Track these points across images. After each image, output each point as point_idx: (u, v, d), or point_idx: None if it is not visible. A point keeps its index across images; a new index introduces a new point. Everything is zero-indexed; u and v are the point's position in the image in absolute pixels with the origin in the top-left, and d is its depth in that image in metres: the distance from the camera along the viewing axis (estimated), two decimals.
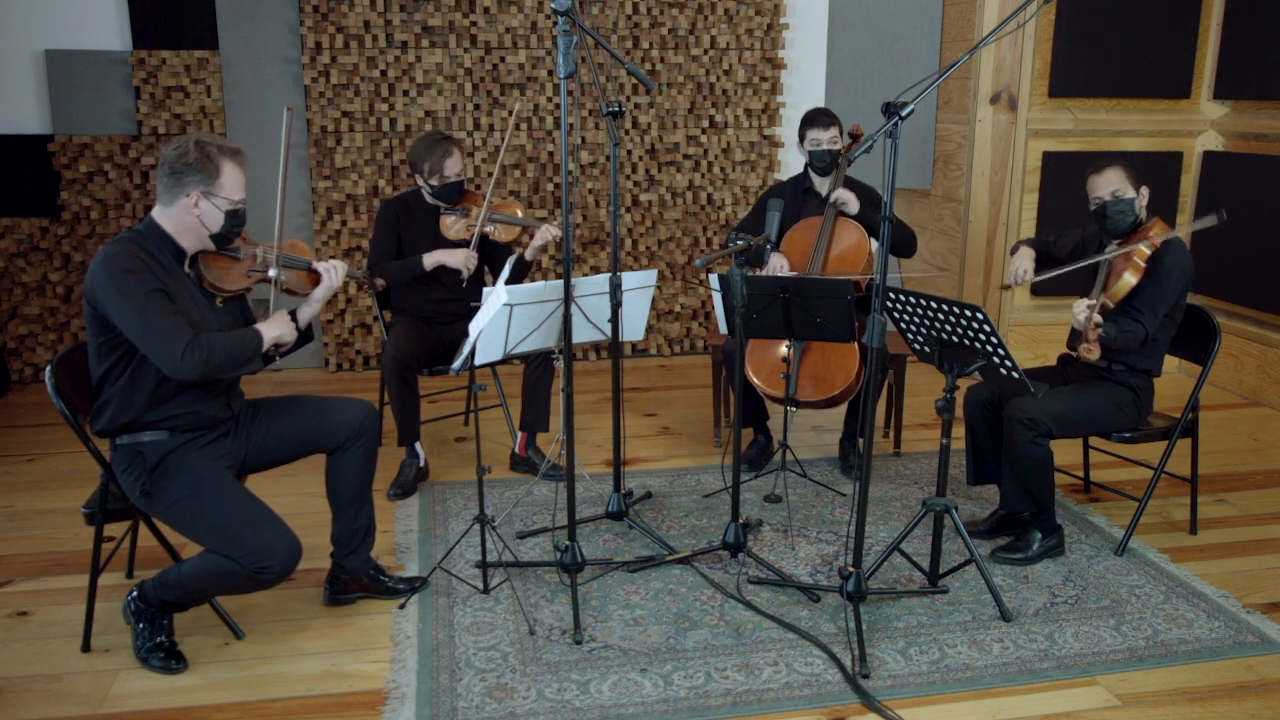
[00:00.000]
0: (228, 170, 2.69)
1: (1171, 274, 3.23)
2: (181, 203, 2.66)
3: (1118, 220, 3.30)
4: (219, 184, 2.67)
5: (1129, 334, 3.23)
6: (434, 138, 3.90)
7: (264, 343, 2.76)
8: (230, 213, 2.71)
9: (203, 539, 2.66)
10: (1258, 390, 5.04)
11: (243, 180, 2.74)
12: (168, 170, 2.66)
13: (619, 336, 3.24)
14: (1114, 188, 3.29)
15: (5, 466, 4.18)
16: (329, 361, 5.49)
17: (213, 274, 2.78)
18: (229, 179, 2.69)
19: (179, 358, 2.56)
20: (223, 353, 2.64)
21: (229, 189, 2.70)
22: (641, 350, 5.86)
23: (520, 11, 5.31)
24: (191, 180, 2.65)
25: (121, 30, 5.06)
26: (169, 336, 2.56)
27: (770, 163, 5.77)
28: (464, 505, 3.77)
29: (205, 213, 2.68)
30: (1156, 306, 3.24)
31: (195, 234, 2.71)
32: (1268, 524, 3.69)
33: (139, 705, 2.62)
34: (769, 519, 3.66)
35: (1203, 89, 5.28)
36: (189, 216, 2.67)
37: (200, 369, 2.59)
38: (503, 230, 3.96)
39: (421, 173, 3.89)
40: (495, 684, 2.68)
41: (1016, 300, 5.36)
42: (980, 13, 5.08)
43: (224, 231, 2.73)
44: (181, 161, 2.64)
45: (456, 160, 3.89)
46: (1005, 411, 3.28)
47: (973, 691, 2.69)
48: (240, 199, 2.73)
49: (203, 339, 2.61)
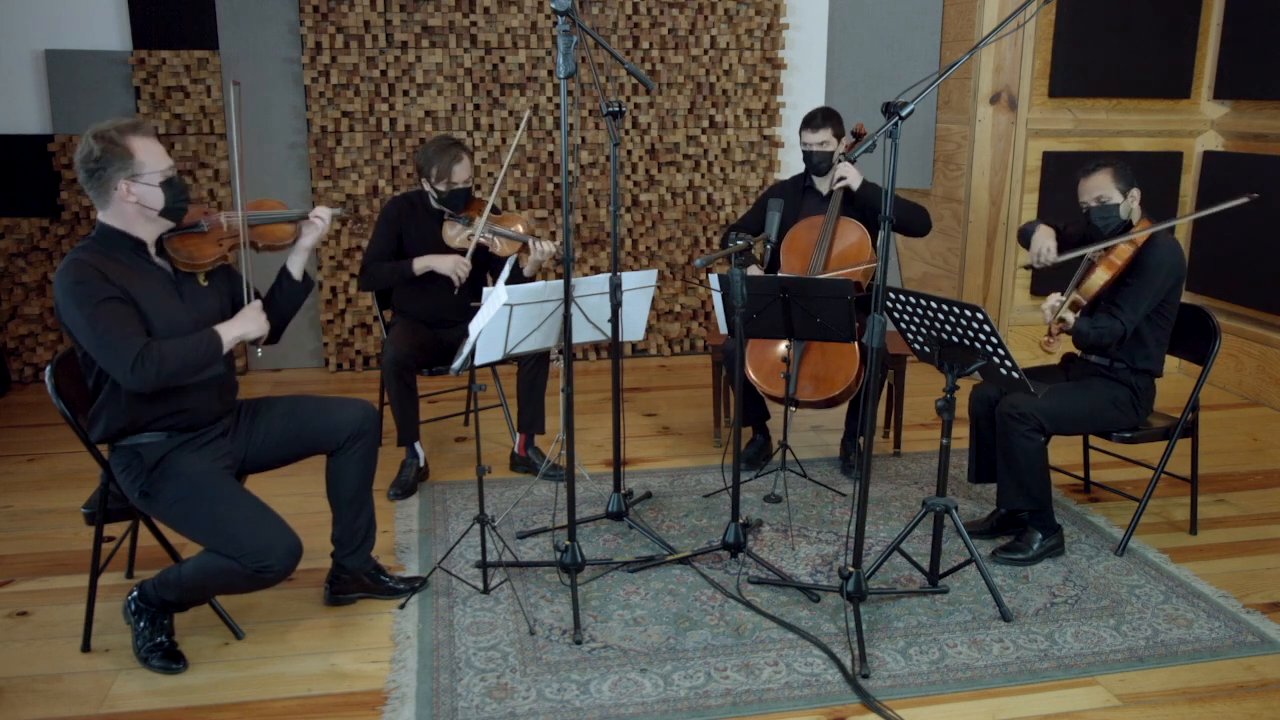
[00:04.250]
0: (138, 146, 2.59)
1: (1157, 271, 3.23)
2: (114, 196, 2.59)
3: (1102, 225, 3.31)
4: (137, 162, 2.58)
5: (1103, 330, 3.23)
6: (444, 143, 3.85)
7: (223, 344, 2.67)
8: (165, 183, 2.62)
9: (202, 539, 2.65)
10: (1258, 390, 5.04)
11: (159, 149, 2.63)
12: (85, 175, 2.58)
13: (619, 336, 3.24)
14: (1099, 193, 3.29)
15: (5, 466, 4.18)
16: (329, 361, 5.50)
17: (183, 254, 2.72)
18: (145, 154, 2.59)
19: (129, 369, 2.50)
20: (176, 359, 2.56)
21: (150, 163, 2.60)
22: (641, 350, 5.86)
23: (520, 11, 5.31)
24: (111, 172, 2.56)
25: (121, 30, 5.06)
26: (118, 347, 2.50)
27: (770, 163, 5.77)
28: (464, 505, 3.77)
29: (141, 195, 2.60)
30: (1138, 304, 3.24)
31: (144, 219, 2.64)
32: (1268, 524, 3.69)
33: (139, 705, 2.62)
34: (769, 519, 3.66)
35: (1203, 89, 5.29)
36: (128, 206, 2.61)
37: (153, 378, 2.52)
38: (502, 244, 3.89)
39: (429, 177, 3.84)
40: (495, 684, 2.68)
41: (1016, 300, 5.37)
42: (980, 13, 5.08)
43: (169, 204, 2.64)
44: (91, 160, 2.56)
45: (466, 166, 3.84)
46: (997, 407, 3.28)
47: (973, 691, 2.69)
48: (167, 166, 2.64)
49: (154, 348, 2.53)
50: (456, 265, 3.83)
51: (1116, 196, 3.29)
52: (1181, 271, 3.30)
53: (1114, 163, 3.33)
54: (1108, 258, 3.22)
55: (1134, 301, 3.24)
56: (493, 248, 3.90)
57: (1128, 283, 3.25)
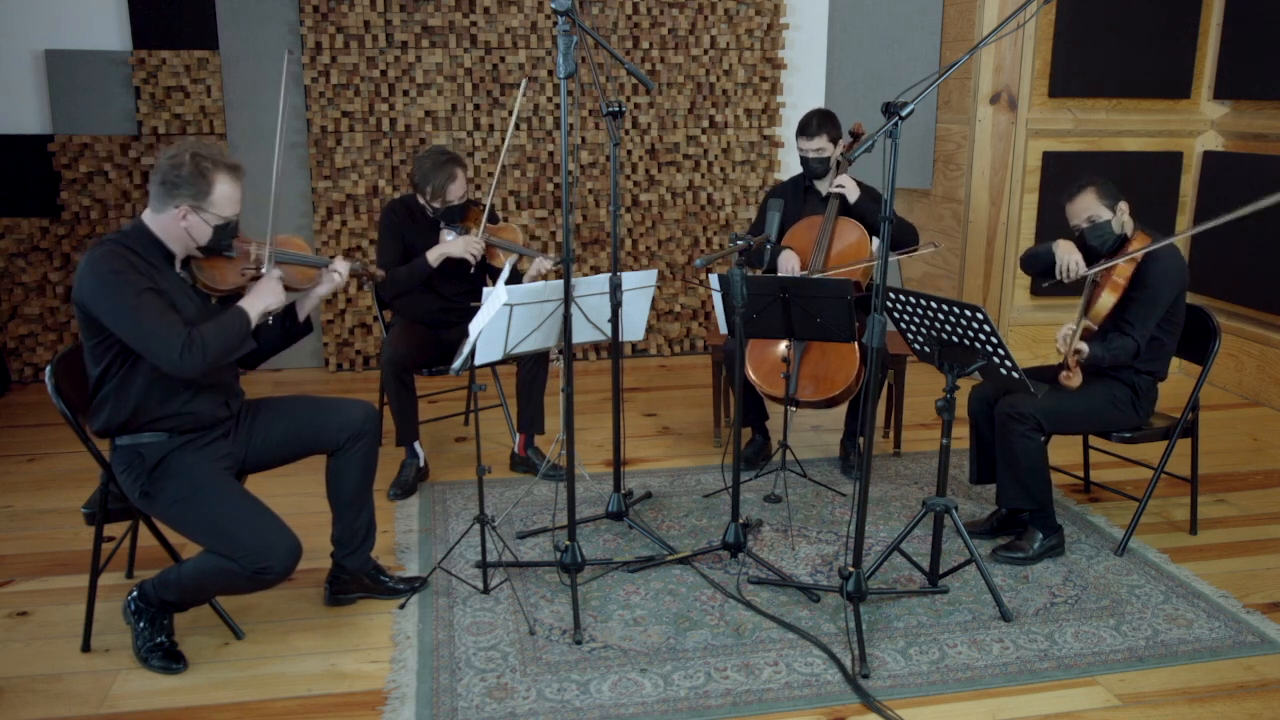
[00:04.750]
0: (221, 187, 2.64)
1: (1160, 285, 3.23)
2: (170, 213, 2.63)
3: (1098, 244, 3.31)
4: (210, 200, 2.63)
5: (1118, 350, 3.23)
6: (439, 159, 3.79)
7: (252, 318, 2.72)
8: (219, 227, 2.67)
9: (202, 540, 2.66)
10: (1258, 390, 5.04)
11: (237, 196, 2.69)
12: (160, 179, 2.62)
13: (619, 336, 3.24)
14: (1088, 213, 3.29)
15: (5, 466, 4.18)
16: (329, 361, 5.49)
17: (206, 275, 2.75)
18: (221, 195, 2.65)
19: (178, 357, 2.54)
20: (217, 341, 2.62)
21: (220, 205, 2.65)
22: (641, 350, 5.86)
23: (520, 11, 5.31)
24: (183, 193, 2.60)
25: (121, 30, 5.06)
26: (165, 336, 2.54)
27: (770, 163, 5.77)
28: (464, 505, 3.77)
29: (193, 226, 2.64)
30: (1147, 319, 3.25)
31: (183, 243, 2.68)
32: (1268, 524, 3.69)
33: (139, 705, 2.62)
34: (769, 519, 3.66)
35: (1203, 89, 5.28)
36: (176, 227, 2.64)
37: (200, 364, 2.58)
38: (500, 254, 3.90)
39: (424, 194, 3.82)
40: (495, 684, 2.68)
41: (1016, 300, 5.37)
42: (980, 13, 5.08)
43: (211, 245, 2.70)
44: (175, 174, 2.60)
45: (460, 185, 3.81)
46: (996, 407, 3.29)
47: (973, 691, 2.69)
48: (231, 214, 2.69)
49: (196, 335, 2.58)
50: (468, 245, 3.81)
51: (1105, 213, 3.28)
52: (1184, 279, 3.30)
53: (1095, 181, 3.32)
54: (1111, 279, 3.20)
55: (1143, 317, 3.24)
56: (492, 258, 3.91)
57: (1133, 298, 3.24)
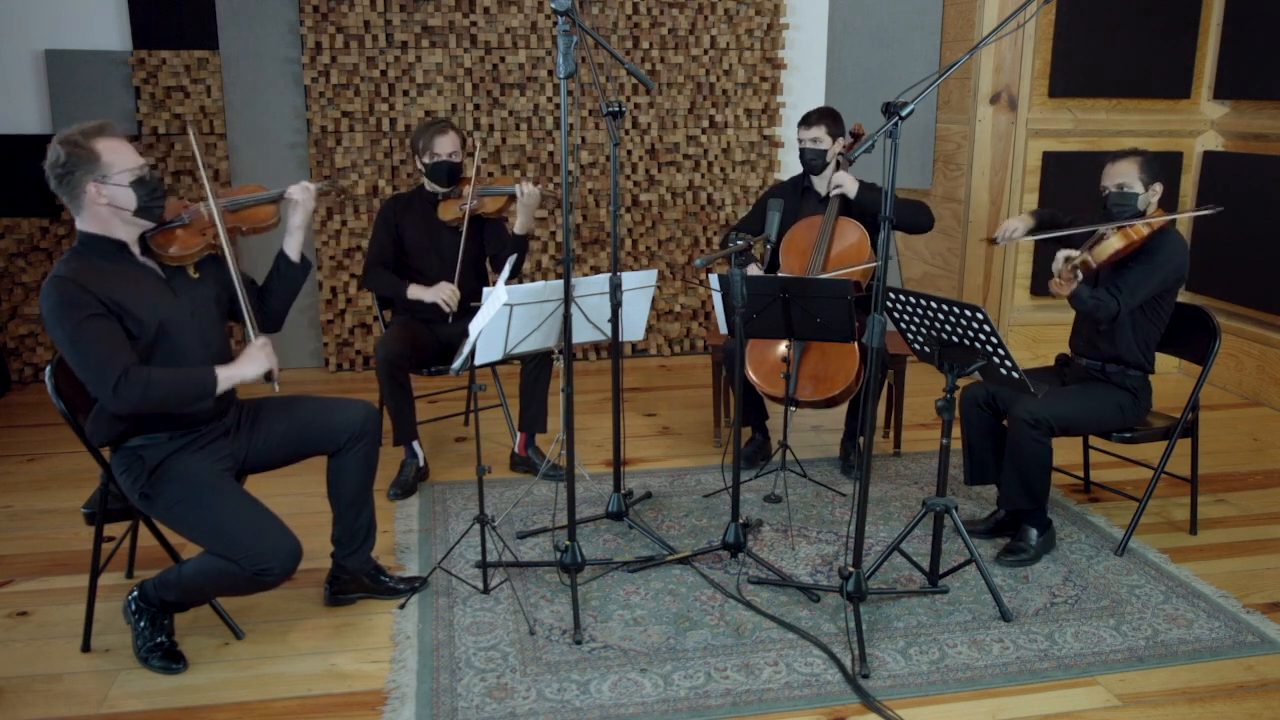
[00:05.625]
0: (103, 148, 2.55)
1: (1164, 261, 3.24)
2: (86, 200, 2.57)
3: (1117, 212, 3.31)
4: (104, 164, 2.55)
5: (1099, 301, 3.24)
6: (433, 119, 4.01)
7: (218, 384, 2.62)
8: (135, 183, 2.59)
9: (202, 541, 2.65)
10: (1258, 390, 5.04)
11: (128, 149, 2.59)
12: (55, 180, 2.55)
13: (619, 336, 3.24)
14: (1121, 180, 3.30)
15: (5, 466, 4.18)
16: (329, 361, 5.49)
17: (169, 250, 2.70)
18: (111, 155, 2.56)
19: (111, 390, 2.46)
20: (164, 387, 2.53)
21: (117, 164, 2.56)
22: (641, 350, 5.86)
23: (520, 11, 5.31)
24: (79, 176, 2.54)
25: (121, 30, 5.06)
26: (100, 368, 2.47)
27: (770, 163, 5.77)
28: (464, 505, 3.77)
29: (112, 197, 2.57)
30: (1137, 289, 3.25)
31: (120, 219, 2.61)
32: (1268, 524, 3.69)
33: (139, 705, 2.61)
34: (769, 519, 3.66)
35: (1203, 89, 5.28)
36: (101, 209, 2.58)
37: (136, 401, 2.50)
38: (489, 201, 3.98)
39: (418, 151, 3.99)
40: (495, 684, 2.68)
41: (1016, 300, 5.37)
42: (980, 13, 5.08)
43: (142, 204, 2.60)
44: (58, 166, 2.53)
45: (449, 140, 3.95)
46: (1010, 412, 3.28)
47: (973, 691, 2.69)
48: (137, 165, 2.60)
49: (142, 371, 2.51)
50: (440, 293, 3.91)
51: (1138, 187, 3.29)
52: (1184, 271, 3.31)
53: (1145, 154, 3.34)
54: (1124, 230, 3.22)
55: (1133, 286, 3.25)
56: (483, 209, 3.98)
57: (1130, 266, 3.26)
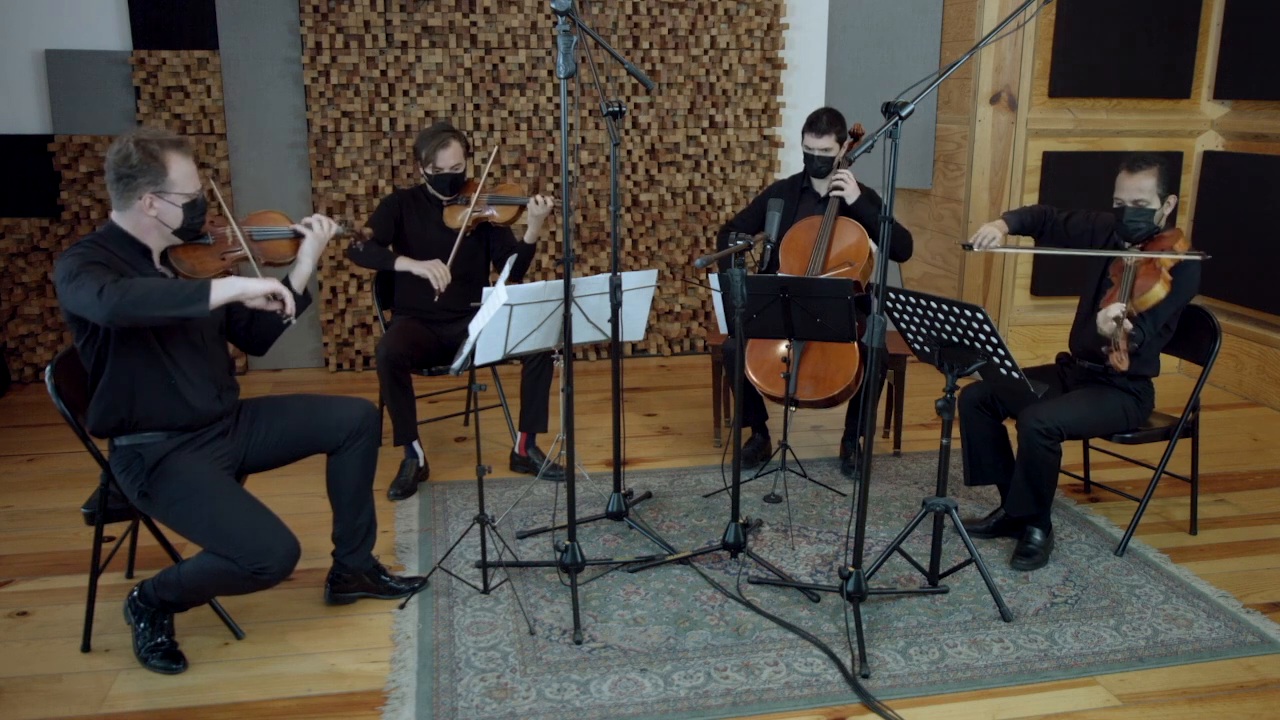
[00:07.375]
0: (175, 164, 2.59)
1: (1186, 290, 3.24)
2: (136, 205, 2.60)
3: (1131, 228, 3.27)
4: (169, 180, 2.59)
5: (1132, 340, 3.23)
6: (436, 128, 3.95)
7: (211, 289, 2.43)
8: (187, 206, 2.63)
9: (201, 540, 2.65)
10: (1258, 390, 5.04)
11: (193, 170, 2.64)
12: (114, 176, 2.57)
13: (619, 336, 3.24)
14: (1138, 196, 3.22)
15: (5, 466, 4.18)
16: (329, 361, 5.49)
17: (186, 265, 2.72)
18: (178, 173, 2.60)
19: (96, 295, 2.37)
20: (146, 286, 2.41)
21: (180, 183, 2.61)
22: (641, 350, 5.86)
23: (520, 11, 5.31)
24: (141, 182, 2.57)
25: (121, 30, 5.06)
26: (87, 282, 2.40)
27: (770, 163, 5.77)
28: (464, 505, 3.77)
29: (162, 212, 2.61)
30: (1159, 319, 3.26)
31: (158, 233, 2.65)
32: (1268, 524, 3.69)
33: (139, 705, 2.62)
34: (769, 519, 3.66)
35: (1203, 89, 5.28)
36: (146, 218, 2.62)
37: (117, 301, 2.36)
38: (501, 211, 3.96)
39: (421, 161, 3.96)
40: (495, 684, 2.68)
41: (1016, 300, 5.36)
42: (980, 13, 5.08)
43: (186, 225, 2.65)
44: (126, 165, 2.56)
45: (453, 153, 3.90)
46: (1020, 419, 3.26)
47: (973, 691, 2.69)
48: (194, 190, 2.64)
49: (126, 280, 2.41)
50: (433, 268, 3.83)
51: (1155, 202, 3.23)
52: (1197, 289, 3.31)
53: (1163, 163, 3.25)
54: (1162, 274, 3.14)
55: (1158, 315, 3.25)
56: (491, 218, 3.96)
57: None
